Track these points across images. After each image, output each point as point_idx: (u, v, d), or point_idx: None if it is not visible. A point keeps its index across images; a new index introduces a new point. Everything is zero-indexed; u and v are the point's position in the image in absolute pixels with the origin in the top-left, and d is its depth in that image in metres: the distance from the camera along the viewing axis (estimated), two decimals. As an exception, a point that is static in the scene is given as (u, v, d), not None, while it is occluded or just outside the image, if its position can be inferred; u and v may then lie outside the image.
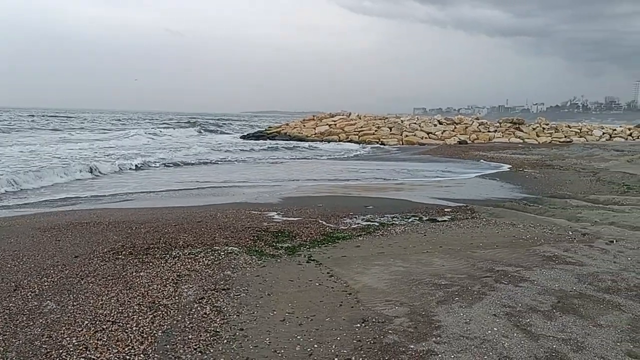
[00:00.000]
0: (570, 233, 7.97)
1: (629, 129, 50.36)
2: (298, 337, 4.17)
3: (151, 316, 4.57)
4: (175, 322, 4.46)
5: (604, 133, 47.19)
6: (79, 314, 4.61)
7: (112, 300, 4.93)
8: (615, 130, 49.46)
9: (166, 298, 5.00)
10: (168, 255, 6.46)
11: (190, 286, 5.37)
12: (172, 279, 5.55)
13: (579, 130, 47.30)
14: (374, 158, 27.23)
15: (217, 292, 5.21)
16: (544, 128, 46.03)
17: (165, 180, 16.12)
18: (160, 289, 5.26)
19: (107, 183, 15.39)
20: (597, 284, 5.43)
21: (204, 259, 6.34)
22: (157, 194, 13.06)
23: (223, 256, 6.48)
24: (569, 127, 48.87)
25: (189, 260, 6.26)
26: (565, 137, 44.29)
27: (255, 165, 22.27)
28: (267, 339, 4.15)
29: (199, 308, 4.77)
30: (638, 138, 46.37)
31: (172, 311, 4.69)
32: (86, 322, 4.43)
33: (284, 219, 9.22)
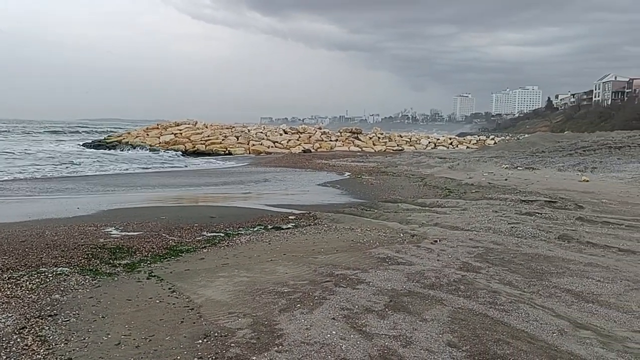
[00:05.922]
0: (402, 235, 8.67)
1: (450, 139, 57.00)
2: (135, 360, 3.95)
3: (-42, 354, 3.98)
4: (-11, 358, 3.94)
5: (429, 142, 52.65)
6: None
7: None
8: (439, 139, 55.60)
9: (-22, 331, 4.40)
10: (-19, 282, 5.69)
11: (9, 315, 4.78)
12: (-14, 309, 4.90)
13: (409, 140, 52.12)
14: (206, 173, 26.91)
15: (42, 319, 4.71)
16: (379, 137, 49.87)
17: None
18: (-30, 321, 4.61)
19: None
20: (423, 281, 5.97)
21: (27, 282, 5.71)
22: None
23: (51, 278, 5.89)
24: (400, 136, 53.62)
25: (9, 286, 5.58)
26: (398, 145, 48.40)
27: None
28: (101, 366, 3.86)
29: (18, 340, 4.26)
30: (457, 147, 52.37)
31: (-15, 346, 4.13)
32: None
33: (123, 233, 8.69)
